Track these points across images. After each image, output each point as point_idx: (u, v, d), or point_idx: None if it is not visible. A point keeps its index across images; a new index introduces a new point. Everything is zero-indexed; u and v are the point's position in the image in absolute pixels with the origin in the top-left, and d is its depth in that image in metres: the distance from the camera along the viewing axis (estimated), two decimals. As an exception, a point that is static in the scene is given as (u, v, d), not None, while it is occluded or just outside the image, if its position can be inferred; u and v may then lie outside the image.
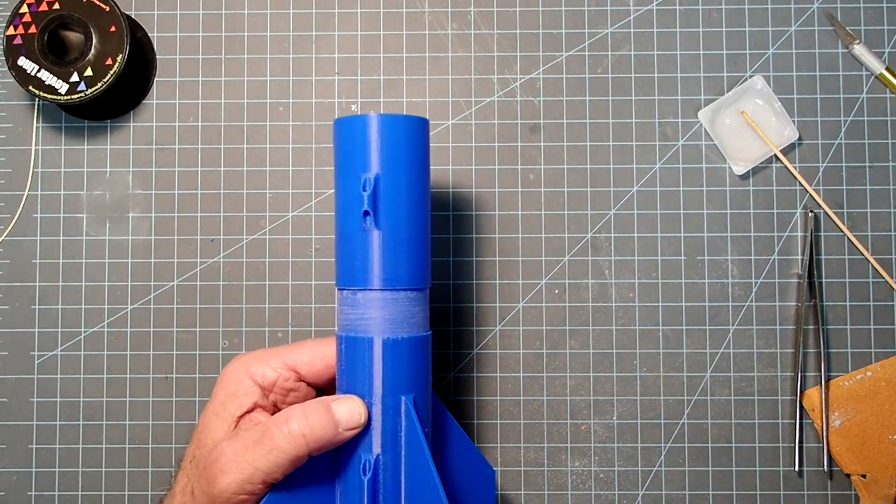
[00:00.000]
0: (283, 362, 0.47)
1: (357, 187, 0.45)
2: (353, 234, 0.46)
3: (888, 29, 0.60)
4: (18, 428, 0.59)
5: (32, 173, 0.60)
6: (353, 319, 0.46)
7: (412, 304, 0.46)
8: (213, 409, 0.47)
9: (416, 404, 0.45)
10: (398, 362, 0.45)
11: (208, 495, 0.43)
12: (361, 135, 0.45)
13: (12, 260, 0.60)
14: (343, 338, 0.46)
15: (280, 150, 0.60)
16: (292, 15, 0.61)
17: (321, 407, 0.44)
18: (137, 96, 0.60)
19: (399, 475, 0.45)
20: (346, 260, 0.46)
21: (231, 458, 0.43)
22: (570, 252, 0.59)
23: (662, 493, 0.58)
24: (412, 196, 0.46)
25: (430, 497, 0.44)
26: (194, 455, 0.46)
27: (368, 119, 0.45)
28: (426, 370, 0.47)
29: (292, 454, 0.43)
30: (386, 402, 0.45)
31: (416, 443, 0.45)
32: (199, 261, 0.60)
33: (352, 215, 0.46)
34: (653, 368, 0.59)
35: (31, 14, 0.56)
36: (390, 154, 0.45)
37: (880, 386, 0.58)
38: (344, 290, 0.46)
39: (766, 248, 0.59)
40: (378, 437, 0.45)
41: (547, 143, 0.60)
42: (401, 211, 0.45)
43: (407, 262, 0.46)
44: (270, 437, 0.43)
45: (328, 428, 0.43)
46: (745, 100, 0.59)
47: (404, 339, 0.45)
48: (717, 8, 0.60)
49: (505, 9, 0.60)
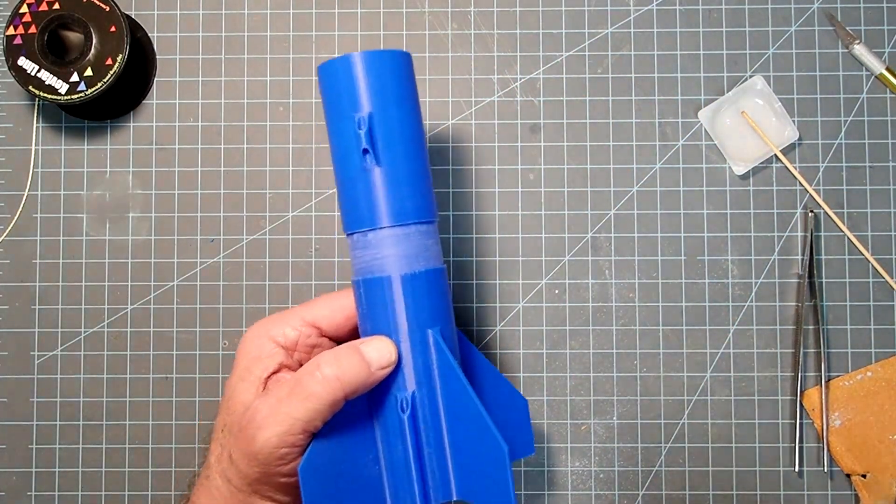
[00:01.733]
0: (302, 320, 0.47)
1: (352, 128, 0.44)
2: (356, 175, 0.45)
3: (888, 29, 0.60)
4: (18, 428, 0.59)
5: (32, 173, 0.60)
6: (367, 261, 0.45)
7: (424, 237, 0.46)
8: (238, 376, 0.46)
9: (444, 336, 0.45)
10: (420, 296, 0.45)
11: (248, 454, 0.43)
12: (347, 76, 0.45)
13: (12, 260, 0.60)
14: (361, 282, 0.45)
15: (280, 150, 0.60)
16: (292, 15, 0.61)
17: (351, 350, 0.44)
18: (137, 96, 0.60)
19: (437, 408, 0.45)
20: (351, 203, 0.45)
21: (267, 413, 0.42)
22: (570, 252, 0.59)
23: (662, 494, 0.58)
24: (407, 129, 0.45)
25: (472, 423, 0.44)
26: (225, 422, 0.45)
27: (352, 59, 0.45)
28: (448, 302, 0.46)
29: (328, 399, 0.42)
30: (413, 338, 0.44)
31: (450, 373, 0.44)
32: (199, 261, 0.60)
33: (351, 157, 0.45)
34: (653, 368, 0.59)
35: (31, 14, 0.56)
36: (380, 89, 0.45)
37: (880, 386, 0.58)
38: (354, 234, 0.46)
39: (766, 248, 0.59)
40: (411, 373, 0.45)
41: (547, 143, 0.60)
42: (399, 145, 0.45)
43: (412, 195, 0.45)
44: (304, 385, 0.42)
45: (360, 369, 0.43)
46: (745, 100, 0.59)
47: (422, 272, 0.45)
48: (717, 8, 0.60)
49: (505, 9, 0.60)
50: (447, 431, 0.45)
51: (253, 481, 0.44)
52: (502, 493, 0.43)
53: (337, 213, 0.60)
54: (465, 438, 0.44)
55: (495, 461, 0.43)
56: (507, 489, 0.43)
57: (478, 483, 0.44)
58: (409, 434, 0.44)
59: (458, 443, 0.45)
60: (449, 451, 0.45)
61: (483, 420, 0.43)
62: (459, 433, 0.45)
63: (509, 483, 0.43)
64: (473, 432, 0.44)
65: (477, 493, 0.44)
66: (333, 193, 0.60)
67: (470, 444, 0.44)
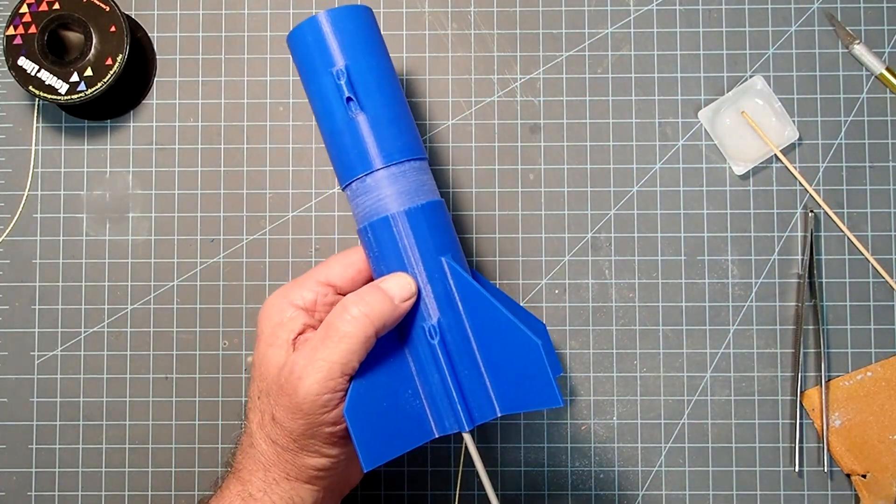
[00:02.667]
0: (316, 282, 0.48)
1: (331, 82, 0.47)
2: (342, 126, 0.47)
3: (888, 29, 0.60)
4: (18, 428, 0.59)
5: (32, 173, 0.60)
6: (369, 205, 0.47)
7: (419, 172, 0.47)
8: (266, 342, 0.47)
9: (456, 261, 0.46)
10: (427, 227, 0.46)
11: (292, 408, 0.44)
12: (317, 35, 0.47)
13: (12, 260, 0.60)
14: (367, 227, 0.47)
15: (280, 150, 0.60)
16: (292, 15, 0.61)
17: (373, 288, 0.45)
18: (137, 96, 0.60)
19: (464, 328, 0.46)
20: (343, 153, 0.47)
21: (305, 363, 0.43)
22: (570, 252, 0.59)
23: (662, 494, 0.58)
24: (383, 74, 0.48)
25: (501, 331, 0.45)
26: (261, 389, 0.46)
27: (318, 18, 0.47)
28: (453, 232, 0.48)
29: (361, 337, 0.44)
30: (429, 268, 0.46)
31: (470, 292, 0.46)
32: (199, 261, 0.60)
33: (334, 110, 0.47)
34: (653, 368, 0.59)
35: (31, 14, 0.56)
36: (350, 42, 0.47)
37: (880, 386, 0.58)
38: (351, 184, 0.47)
39: (766, 248, 0.59)
40: (432, 301, 0.46)
41: (547, 143, 0.60)
42: (377, 90, 0.47)
43: (400, 134, 0.47)
44: (335, 328, 0.44)
45: (386, 303, 0.44)
46: (745, 100, 0.59)
47: (425, 204, 0.47)
48: (717, 8, 0.60)
49: (505, 9, 0.60)
50: (478, 349, 0.46)
51: (299, 436, 0.45)
52: (545, 390, 0.44)
53: (337, 214, 0.60)
54: (497, 350, 0.46)
55: (531, 360, 0.44)
56: (549, 384, 0.44)
57: (519, 391, 0.45)
58: (442, 360, 0.46)
59: (492, 357, 0.46)
60: (484, 369, 0.46)
61: (510, 322, 0.45)
62: (491, 347, 0.46)
63: (550, 378, 0.44)
64: (504, 340, 0.45)
65: (519, 400, 0.45)
66: (333, 193, 0.60)
67: (503, 353, 0.45)
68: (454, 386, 0.46)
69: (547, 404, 0.44)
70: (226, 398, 0.59)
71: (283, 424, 0.45)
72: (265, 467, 0.46)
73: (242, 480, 0.46)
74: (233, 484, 0.47)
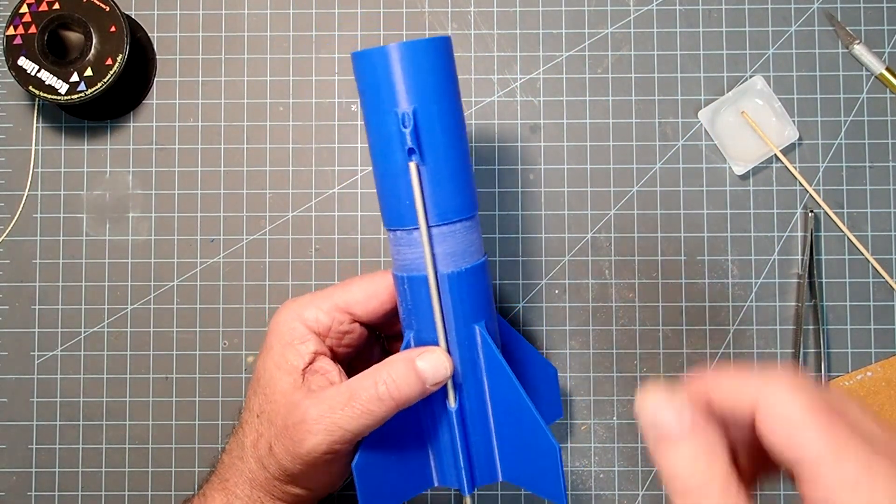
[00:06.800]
0: (334, 305, 0.46)
1: (394, 123, 0.42)
2: (398, 172, 0.43)
3: (888, 29, 0.60)
4: (18, 428, 0.59)
5: (32, 173, 0.60)
6: (411, 259, 0.44)
7: (468, 232, 0.45)
8: (274, 362, 0.46)
9: (489, 329, 0.45)
10: (466, 294, 0.44)
11: (294, 455, 0.43)
12: (385, 69, 0.42)
13: (12, 260, 0.60)
14: (406, 278, 0.45)
15: (280, 150, 0.60)
16: (292, 15, 0.61)
17: (407, 366, 0.43)
18: (137, 96, 0.60)
19: (484, 400, 0.45)
20: (393, 199, 0.44)
21: (317, 420, 0.43)
22: (570, 252, 0.59)
23: (663, 494, 0.58)
24: (451, 124, 0.43)
25: (521, 419, 0.45)
26: (262, 409, 0.46)
27: (388, 51, 0.42)
28: (490, 293, 0.47)
29: (381, 415, 0.43)
30: (461, 335, 0.45)
31: (496, 367, 0.45)
32: (199, 261, 0.60)
33: (393, 152, 0.43)
34: (653, 368, 0.59)
35: (31, 14, 0.56)
36: (422, 85, 0.42)
37: (880, 386, 0.58)
38: (397, 231, 0.45)
39: (766, 248, 0.59)
40: (458, 367, 0.45)
41: (547, 143, 0.60)
42: (442, 141, 0.43)
43: (456, 193, 0.44)
44: (358, 399, 0.43)
45: (415, 386, 0.43)
46: (745, 100, 0.59)
47: (468, 269, 0.44)
48: (717, 8, 0.60)
49: (505, 9, 0.60)
50: (494, 427, 0.46)
51: (294, 475, 0.45)
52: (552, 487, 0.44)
53: (337, 214, 0.60)
54: (512, 430, 0.45)
55: (546, 458, 0.44)
56: (558, 486, 0.44)
57: (526, 471, 0.45)
58: (456, 426, 0.45)
59: (505, 432, 0.46)
60: (496, 445, 0.46)
61: (533, 418, 0.44)
62: (506, 424, 0.45)
63: (561, 480, 0.44)
64: (522, 427, 0.45)
65: (524, 479, 0.45)
66: (333, 193, 0.60)
67: (517, 435, 0.45)
68: (462, 451, 0.45)
69: (550, 498, 0.45)
70: (226, 398, 0.59)
71: (280, 461, 0.44)
72: (251, 485, 0.46)
73: (227, 491, 0.47)
74: (217, 493, 0.47)
